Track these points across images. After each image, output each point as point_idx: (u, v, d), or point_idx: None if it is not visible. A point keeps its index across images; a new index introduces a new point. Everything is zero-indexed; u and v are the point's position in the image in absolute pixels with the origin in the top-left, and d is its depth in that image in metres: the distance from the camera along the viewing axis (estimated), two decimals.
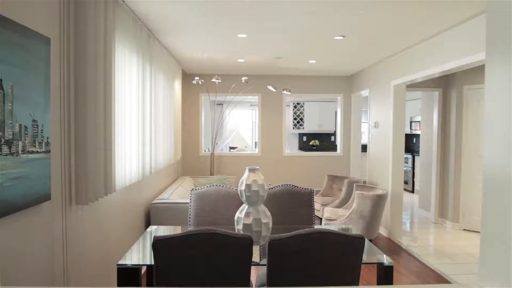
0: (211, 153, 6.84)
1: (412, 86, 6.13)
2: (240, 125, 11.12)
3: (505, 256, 1.07)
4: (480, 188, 5.82)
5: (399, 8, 3.36)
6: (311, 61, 5.94)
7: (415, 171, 9.41)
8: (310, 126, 10.65)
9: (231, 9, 3.42)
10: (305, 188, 3.54)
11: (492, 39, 1.20)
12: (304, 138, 10.94)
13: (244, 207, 2.72)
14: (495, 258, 1.11)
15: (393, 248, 5.14)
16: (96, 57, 2.53)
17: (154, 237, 1.95)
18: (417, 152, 9.57)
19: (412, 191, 9.39)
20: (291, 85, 7.13)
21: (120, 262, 2.29)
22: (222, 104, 7.07)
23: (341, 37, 4.39)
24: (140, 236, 2.88)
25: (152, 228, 3.14)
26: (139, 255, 2.56)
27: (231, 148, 10.49)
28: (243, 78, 5.74)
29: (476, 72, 5.79)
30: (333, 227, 3.77)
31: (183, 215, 4.09)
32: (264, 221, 2.67)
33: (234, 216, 3.35)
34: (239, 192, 2.72)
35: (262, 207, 2.73)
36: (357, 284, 2.12)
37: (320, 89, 7.59)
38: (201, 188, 3.40)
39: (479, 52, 3.64)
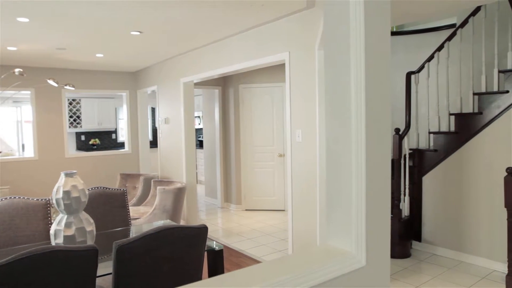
0: None
1: (196, 83, 6.59)
2: (0, 125, 9.29)
3: (345, 217, 1.41)
4: (256, 173, 6.84)
5: (196, 10, 3.60)
6: (98, 55, 5.57)
7: (196, 163, 10.12)
8: (89, 124, 9.94)
9: None
10: (117, 189, 3.41)
11: (328, 31, 1.46)
12: (83, 137, 10.11)
13: (63, 217, 2.42)
14: (338, 219, 1.45)
15: None
16: None
17: None
18: (197, 145, 10.32)
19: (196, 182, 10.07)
20: (73, 80, 6.49)
21: None
22: None
23: (138, 33, 4.33)
24: None
25: None
26: None
27: None
28: (17, 70, 4.84)
29: (248, 74, 6.73)
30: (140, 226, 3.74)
31: None
32: (88, 229, 2.45)
33: (40, 231, 2.91)
34: (54, 201, 2.40)
35: (84, 214, 2.50)
36: (202, 273, 2.25)
37: (105, 85, 7.18)
38: None
39: (256, 59, 4.33)
